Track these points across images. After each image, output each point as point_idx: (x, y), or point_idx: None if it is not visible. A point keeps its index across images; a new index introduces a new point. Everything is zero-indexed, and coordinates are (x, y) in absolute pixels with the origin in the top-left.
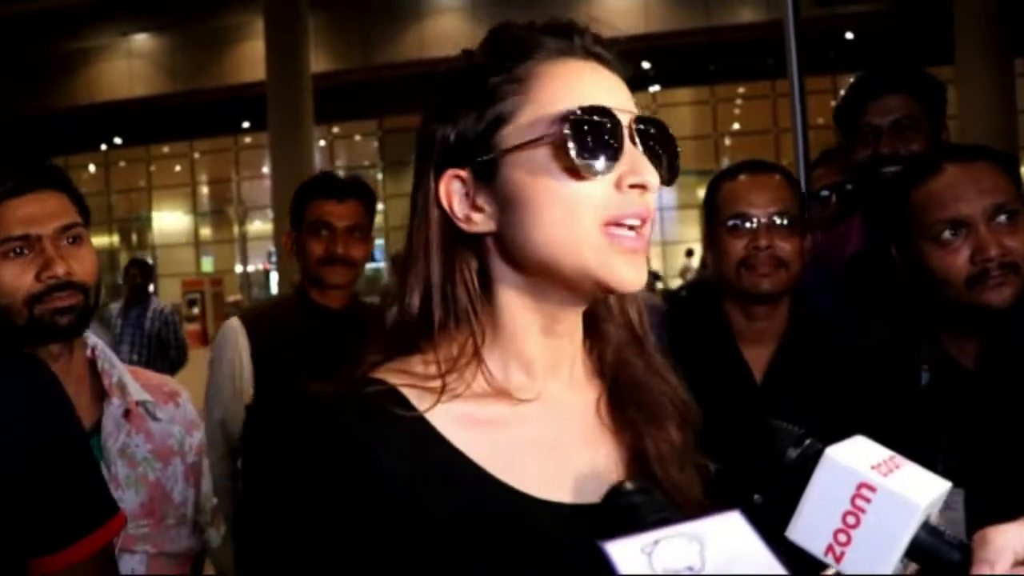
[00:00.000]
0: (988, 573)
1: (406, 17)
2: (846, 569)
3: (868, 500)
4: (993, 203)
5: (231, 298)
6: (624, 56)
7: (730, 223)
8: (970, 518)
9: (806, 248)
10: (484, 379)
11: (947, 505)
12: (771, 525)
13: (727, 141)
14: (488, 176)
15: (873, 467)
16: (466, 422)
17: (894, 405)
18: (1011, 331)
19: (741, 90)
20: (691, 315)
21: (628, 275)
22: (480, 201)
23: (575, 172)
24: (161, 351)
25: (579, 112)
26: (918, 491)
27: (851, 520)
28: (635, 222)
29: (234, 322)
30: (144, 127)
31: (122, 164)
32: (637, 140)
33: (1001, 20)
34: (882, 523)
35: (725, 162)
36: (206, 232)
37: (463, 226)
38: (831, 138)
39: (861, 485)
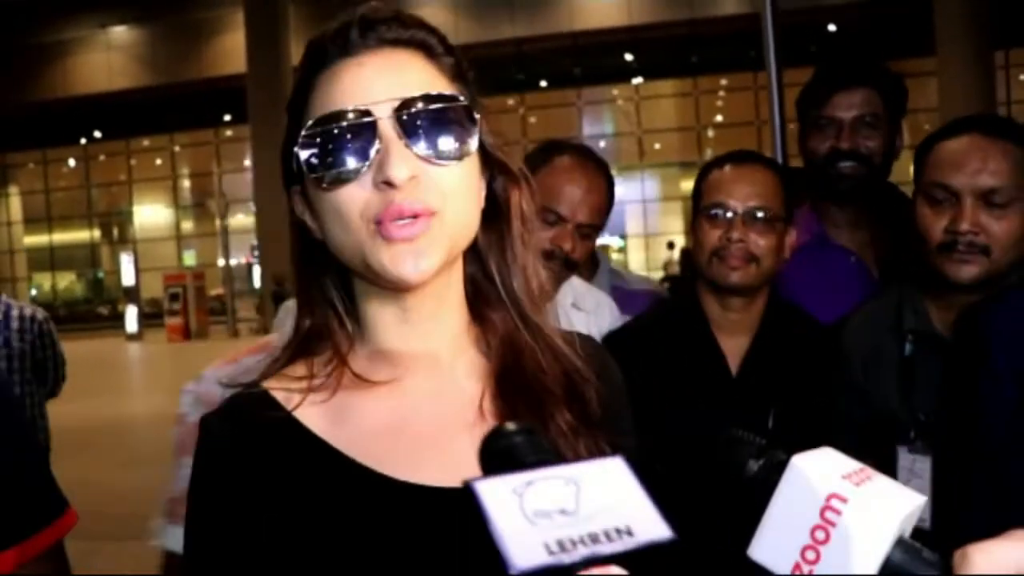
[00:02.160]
0: None
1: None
2: None
3: (839, 513)
4: (989, 185)
5: (214, 292)
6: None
7: (708, 212)
8: (936, 485)
9: (788, 244)
10: (351, 375)
11: (914, 473)
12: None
13: (710, 133)
14: (305, 190)
15: (843, 477)
16: (334, 418)
17: (879, 375)
18: (982, 304)
19: (724, 82)
20: (668, 305)
21: (404, 269)
22: (309, 213)
23: (323, 183)
24: (37, 374)
25: (310, 127)
26: (892, 504)
27: (820, 535)
28: (400, 221)
29: (290, 303)
30: (124, 120)
31: (102, 158)
32: (400, 130)
33: (982, 12)
34: (855, 538)
35: (708, 154)
36: (188, 226)
37: (314, 236)
38: None
39: (831, 496)
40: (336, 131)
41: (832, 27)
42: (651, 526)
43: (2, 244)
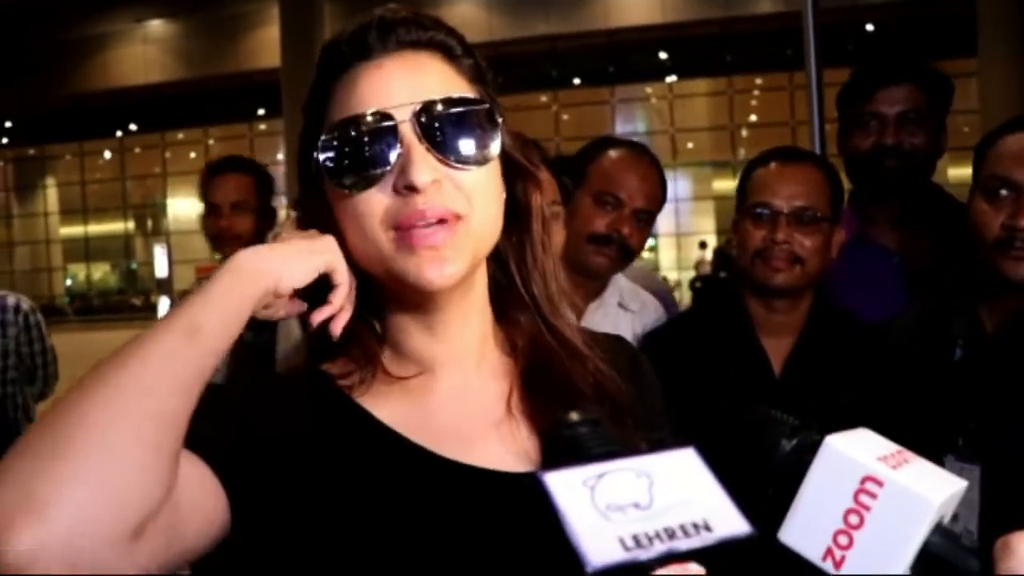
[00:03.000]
0: None
1: (422, 5)
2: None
3: (874, 496)
4: None
5: None
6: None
7: (753, 211)
8: (984, 495)
9: (835, 243)
10: (381, 373)
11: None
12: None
13: (743, 132)
14: (323, 196)
15: (880, 459)
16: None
17: (927, 381)
18: None
19: (758, 81)
20: (712, 305)
21: (425, 275)
22: (331, 218)
23: (344, 189)
24: (23, 371)
25: (330, 131)
26: (931, 487)
27: (854, 519)
28: (423, 227)
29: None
30: (159, 113)
31: (137, 150)
32: (421, 135)
33: None
34: (890, 523)
35: (741, 154)
36: None
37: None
38: None
39: (866, 479)
40: (356, 135)
41: (870, 27)
42: (729, 521)
43: (39, 234)
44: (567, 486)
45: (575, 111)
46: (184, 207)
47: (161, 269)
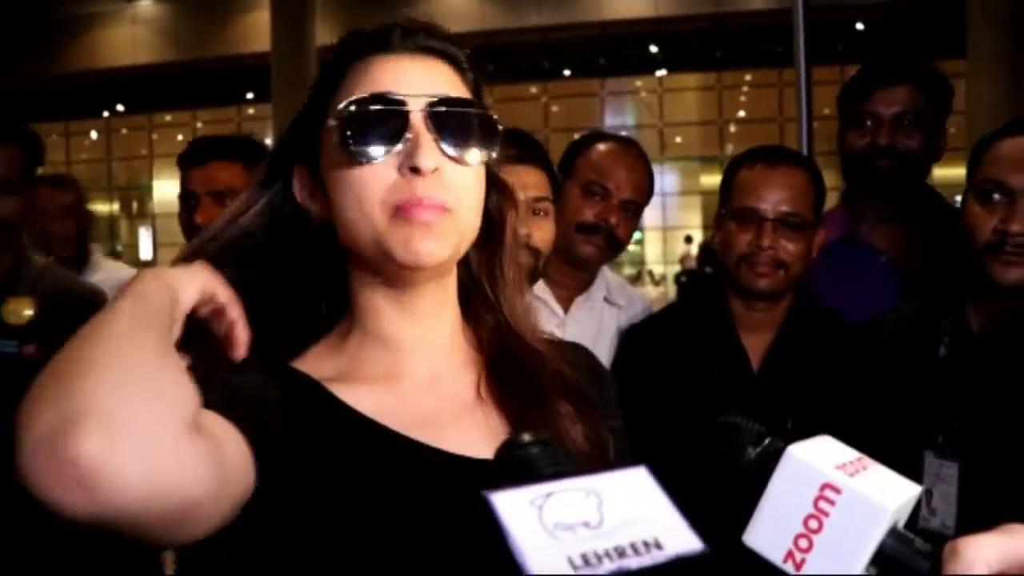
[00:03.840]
0: None
1: None
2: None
3: (832, 503)
4: None
5: None
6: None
7: (738, 214)
8: (962, 492)
9: (815, 245)
10: (352, 361)
11: (940, 478)
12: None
13: (732, 128)
14: (316, 168)
15: (838, 467)
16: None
17: (911, 378)
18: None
19: (748, 77)
20: (693, 300)
21: (415, 246)
22: (316, 191)
23: (350, 158)
24: None
25: (348, 103)
26: (886, 494)
27: (813, 524)
28: (427, 213)
29: None
30: (146, 95)
31: (124, 132)
32: (431, 124)
33: (1013, 15)
34: (847, 527)
35: (729, 149)
36: None
37: (311, 216)
38: (837, 129)
39: (825, 486)
40: (372, 112)
41: (860, 25)
42: (680, 538)
43: None
44: (514, 506)
45: (564, 103)
46: (170, 190)
47: (146, 251)
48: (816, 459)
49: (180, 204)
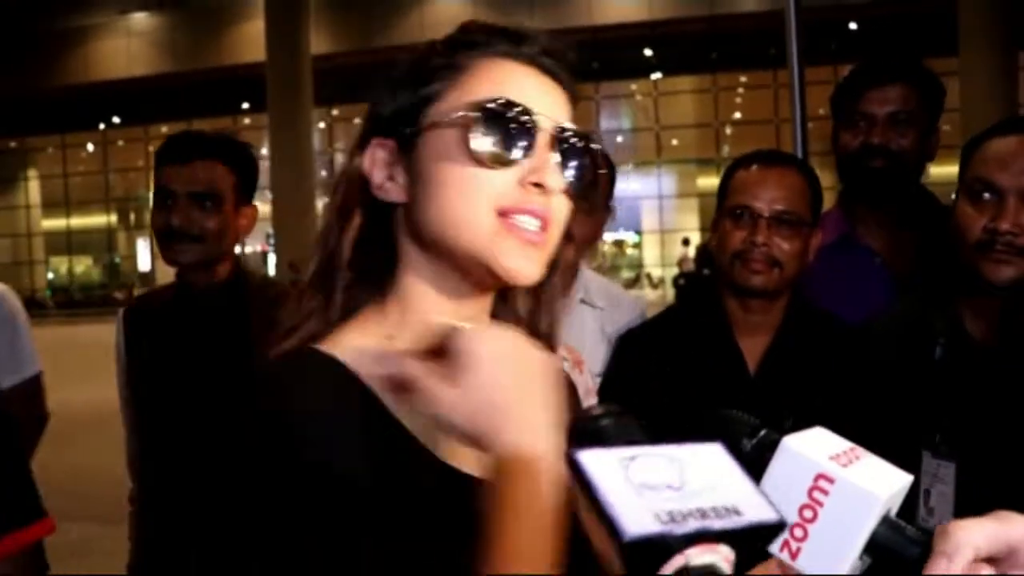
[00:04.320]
0: (944, 570)
1: (407, 0)
2: (802, 566)
3: (826, 492)
4: None
5: None
6: (573, 63)
7: (733, 213)
8: (959, 492)
9: (812, 246)
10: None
11: (938, 478)
12: None
13: (728, 130)
14: (408, 149)
15: (832, 458)
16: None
17: (907, 379)
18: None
19: (743, 79)
20: (691, 303)
21: (519, 265)
22: (397, 172)
23: (477, 158)
24: None
25: (492, 102)
26: (879, 483)
27: (808, 514)
28: (531, 219)
29: (120, 312)
30: (143, 106)
31: (120, 143)
32: (556, 147)
33: (1005, 12)
34: (841, 516)
35: (725, 151)
36: None
37: (377, 193)
38: (831, 129)
39: (819, 476)
40: (507, 117)
41: (853, 25)
42: (758, 507)
43: (20, 227)
44: (601, 463)
45: None
46: None
47: (144, 263)
48: (810, 450)
49: (155, 201)
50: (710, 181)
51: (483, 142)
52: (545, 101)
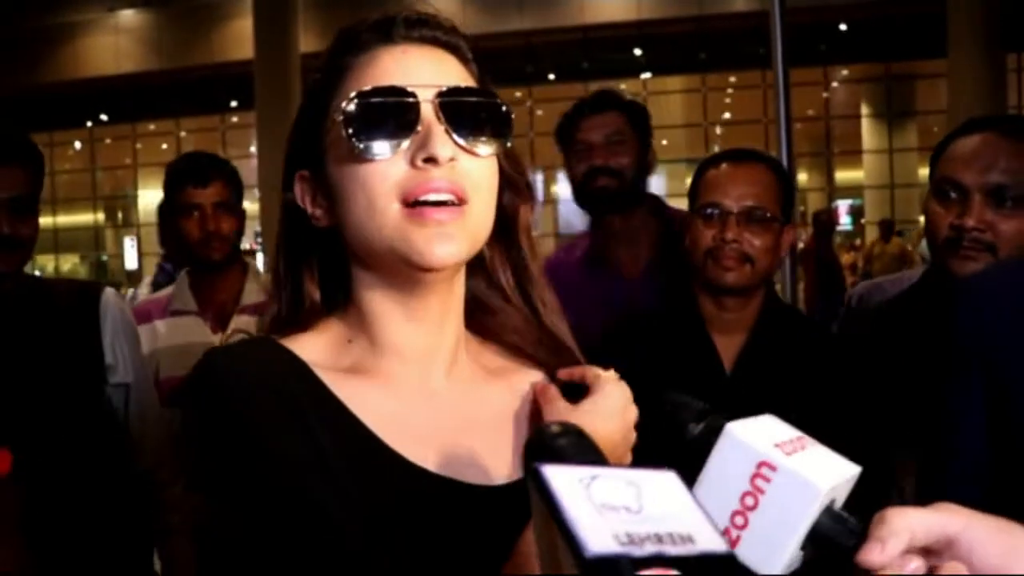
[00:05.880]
0: (876, 556)
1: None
2: (742, 553)
3: (768, 480)
4: (998, 182)
5: None
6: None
7: (703, 211)
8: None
9: (785, 243)
10: (355, 365)
11: (911, 474)
12: None
13: (717, 130)
14: (321, 172)
15: (777, 445)
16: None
17: (886, 376)
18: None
19: (732, 79)
20: (664, 301)
21: (433, 248)
22: (319, 197)
23: (360, 154)
24: None
25: (356, 96)
26: (822, 473)
27: (749, 501)
28: (437, 197)
29: None
30: (130, 104)
31: (107, 141)
32: (442, 115)
33: (995, 14)
34: (782, 505)
35: (715, 151)
36: None
37: (315, 224)
38: (821, 130)
39: (761, 464)
40: (380, 104)
41: (843, 26)
42: (710, 537)
43: None
44: (564, 480)
45: (549, 107)
46: (155, 199)
47: (131, 261)
48: (754, 437)
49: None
50: None
51: (360, 136)
52: (424, 71)
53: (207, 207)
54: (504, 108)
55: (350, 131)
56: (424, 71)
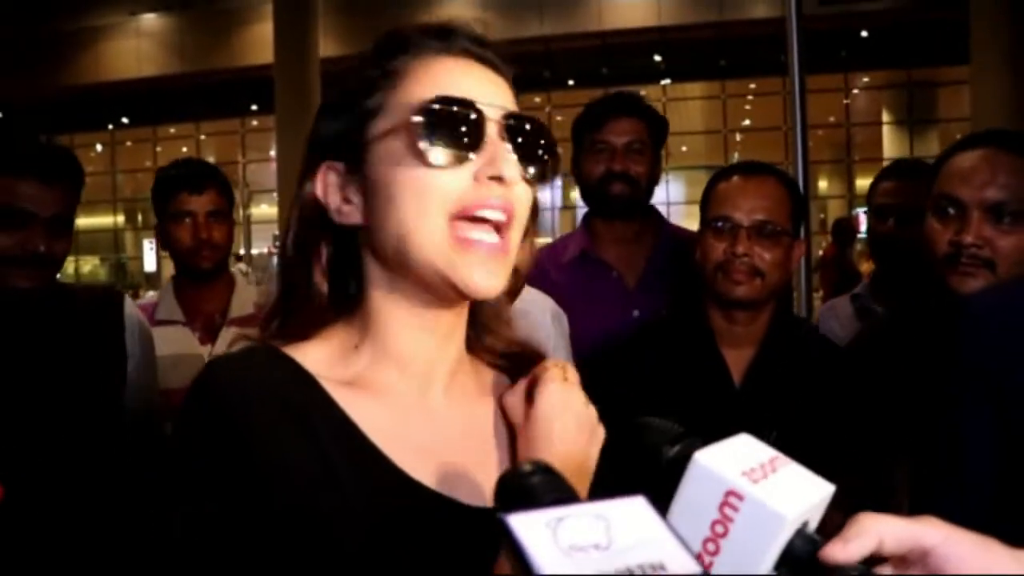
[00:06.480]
0: (838, 553)
1: (416, 2)
2: None
3: (736, 509)
4: (996, 199)
5: None
6: (516, 58)
7: (714, 224)
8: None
9: (796, 257)
10: (362, 373)
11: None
12: None
13: (737, 137)
14: (358, 168)
15: (745, 472)
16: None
17: (888, 390)
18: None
19: (752, 86)
20: (674, 315)
21: (477, 278)
22: (350, 193)
23: (427, 160)
24: None
25: (434, 102)
26: (789, 500)
27: (719, 529)
28: (492, 214)
29: None
30: (151, 107)
31: (128, 144)
32: (506, 136)
33: (1017, 21)
34: (751, 533)
35: (735, 158)
36: None
37: (335, 218)
38: (842, 137)
39: (729, 493)
40: (450, 115)
41: (864, 33)
42: (682, 562)
43: None
44: (530, 527)
45: (568, 112)
46: None
47: (150, 263)
48: (722, 465)
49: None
50: None
51: (431, 143)
52: (488, 90)
53: (200, 215)
54: (555, 143)
55: (417, 136)
56: (487, 90)
